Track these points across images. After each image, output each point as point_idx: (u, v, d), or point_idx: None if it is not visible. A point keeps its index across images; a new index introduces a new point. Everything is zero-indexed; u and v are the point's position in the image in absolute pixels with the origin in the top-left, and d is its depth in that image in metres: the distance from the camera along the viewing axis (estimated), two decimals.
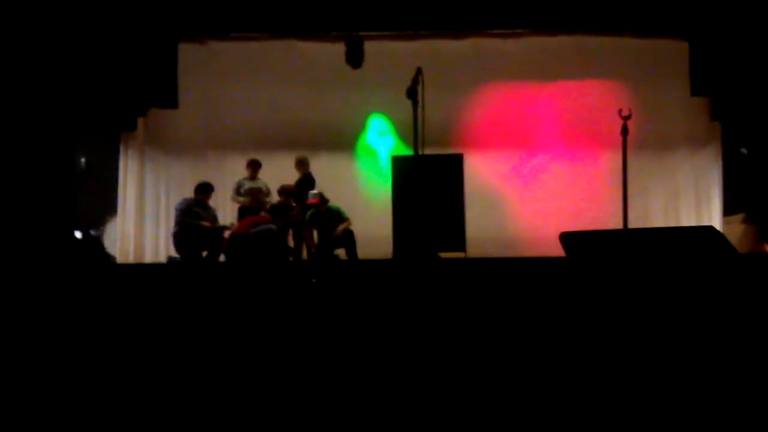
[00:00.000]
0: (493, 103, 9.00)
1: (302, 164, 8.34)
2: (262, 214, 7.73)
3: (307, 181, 8.19)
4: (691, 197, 8.92)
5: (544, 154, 9.06)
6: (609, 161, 8.22)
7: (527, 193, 8.95)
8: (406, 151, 8.43)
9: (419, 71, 4.26)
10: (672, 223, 8.47)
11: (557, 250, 3.26)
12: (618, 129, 6.23)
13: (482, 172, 8.71)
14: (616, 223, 6.79)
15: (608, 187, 8.23)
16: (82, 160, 8.99)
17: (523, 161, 9.09)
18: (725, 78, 8.31)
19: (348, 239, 7.70)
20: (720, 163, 8.78)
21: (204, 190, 7.72)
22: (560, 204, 8.76)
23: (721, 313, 2.56)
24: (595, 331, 2.65)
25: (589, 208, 8.65)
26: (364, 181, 9.05)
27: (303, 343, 3.08)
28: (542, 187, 8.97)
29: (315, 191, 7.87)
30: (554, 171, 9.01)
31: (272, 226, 7.41)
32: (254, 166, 8.25)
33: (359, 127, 9.19)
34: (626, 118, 5.98)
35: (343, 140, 9.17)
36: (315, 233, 7.91)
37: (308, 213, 7.84)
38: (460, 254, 7.08)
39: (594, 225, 7.63)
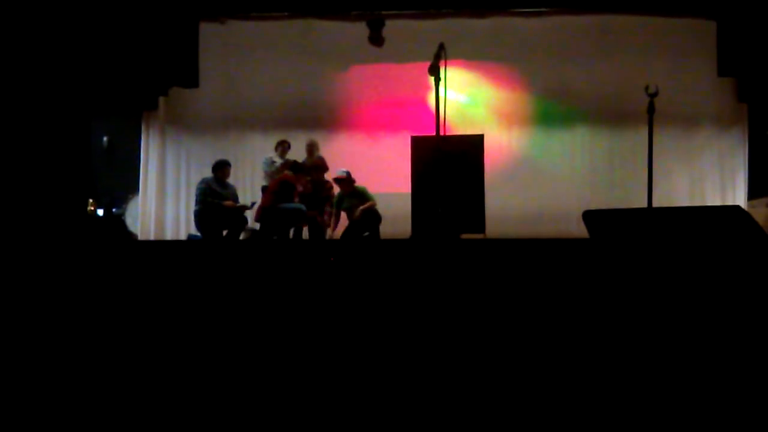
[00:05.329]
0: (515, 81, 8.90)
1: (314, 148, 8.25)
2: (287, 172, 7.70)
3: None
4: (716, 179, 8.81)
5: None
6: (633, 140, 8.13)
7: (550, 172, 8.86)
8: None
9: (441, 47, 4.16)
10: (697, 204, 8.36)
11: (580, 229, 3.23)
12: (642, 108, 6.13)
13: (504, 150, 8.65)
14: (640, 204, 6.71)
15: (632, 166, 8.15)
16: (105, 139, 9.07)
17: None
18: (753, 59, 8.15)
19: (369, 220, 7.55)
20: (746, 145, 8.66)
21: (220, 167, 7.71)
22: (583, 183, 8.69)
23: (748, 295, 2.51)
24: (618, 313, 2.61)
25: (612, 187, 8.58)
26: (384, 161, 8.95)
27: (321, 322, 3.08)
28: (566, 166, 8.88)
29: (343, 169, 7.73)
30: (578, 149, 8.91)
31: (302, 207, 7.41)
32: (284, 147, 8.21)
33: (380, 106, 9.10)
34: (653, 95, 5.85)
35: (364, 119, 9.12)
36: (342, 214, 7.82)
37: (336, 194, 7.78)
38: (479, 235, 7.06)
39: (617, 205, 7.55)
